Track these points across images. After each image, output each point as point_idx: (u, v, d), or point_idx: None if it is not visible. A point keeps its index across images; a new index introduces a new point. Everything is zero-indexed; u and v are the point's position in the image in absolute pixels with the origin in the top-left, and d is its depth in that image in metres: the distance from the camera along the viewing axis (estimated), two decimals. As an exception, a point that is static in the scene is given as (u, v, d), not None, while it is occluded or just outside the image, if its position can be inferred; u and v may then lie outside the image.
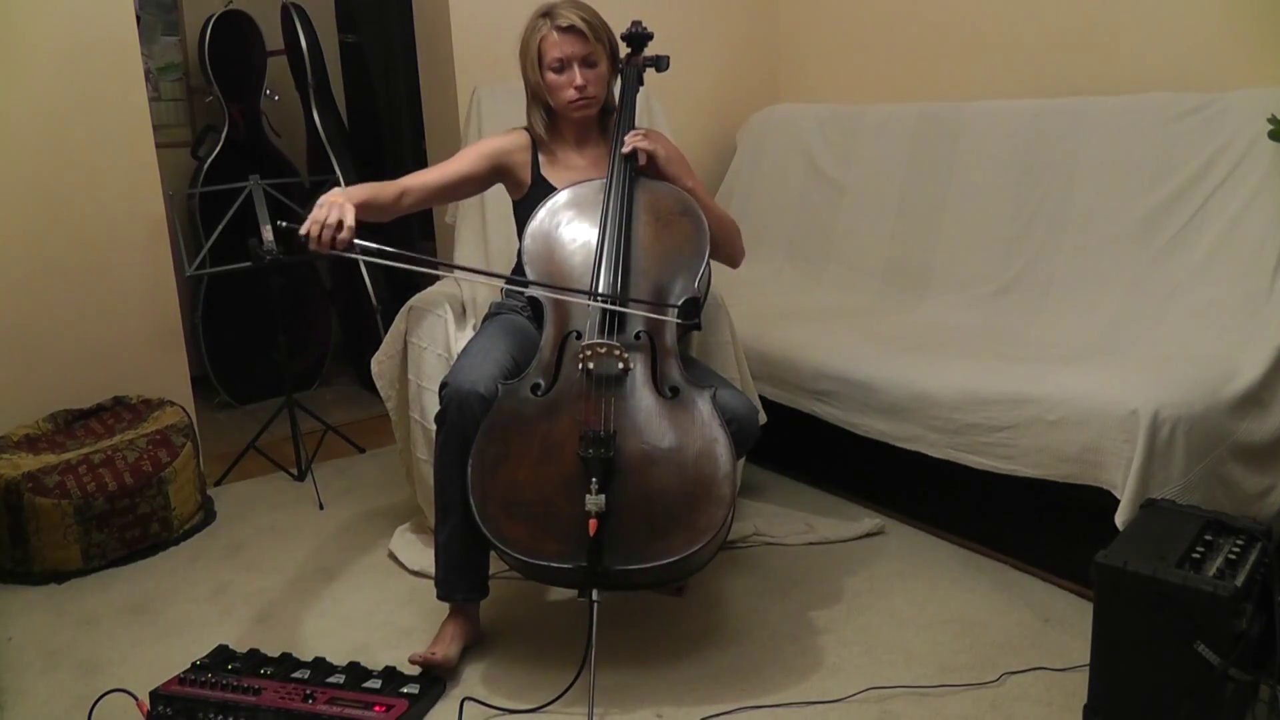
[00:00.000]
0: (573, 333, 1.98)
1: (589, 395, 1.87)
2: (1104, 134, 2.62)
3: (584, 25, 2.07)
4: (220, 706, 1.79)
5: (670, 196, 2.10)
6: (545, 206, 2.10)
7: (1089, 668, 1.66)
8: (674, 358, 1.95)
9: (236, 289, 3.67)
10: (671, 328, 1.96)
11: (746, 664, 1.98)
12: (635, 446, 1.84)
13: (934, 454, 2.33)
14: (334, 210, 1.88)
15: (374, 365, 2.48)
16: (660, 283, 2.01)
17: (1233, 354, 2.17)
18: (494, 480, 1.86)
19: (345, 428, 3.38)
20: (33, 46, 2.65)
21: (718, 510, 1.80)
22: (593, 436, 1.81)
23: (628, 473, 1.82)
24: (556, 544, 1.80)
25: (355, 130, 4.09)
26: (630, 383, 1.90)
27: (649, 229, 2.05)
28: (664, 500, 1.82)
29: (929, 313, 2.87)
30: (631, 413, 1.87)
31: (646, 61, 2.25)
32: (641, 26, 2.25)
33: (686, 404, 1.89)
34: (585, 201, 2.09)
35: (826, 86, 3.69)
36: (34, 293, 2.72)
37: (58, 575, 2.45)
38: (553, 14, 2.10)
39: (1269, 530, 1.68)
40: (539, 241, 2.08)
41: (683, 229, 2.06)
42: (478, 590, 2.03)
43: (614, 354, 1.89)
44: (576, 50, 2.08)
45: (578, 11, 2.10)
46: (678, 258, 2.03)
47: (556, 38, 2.08)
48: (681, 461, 1.84)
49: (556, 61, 2.09)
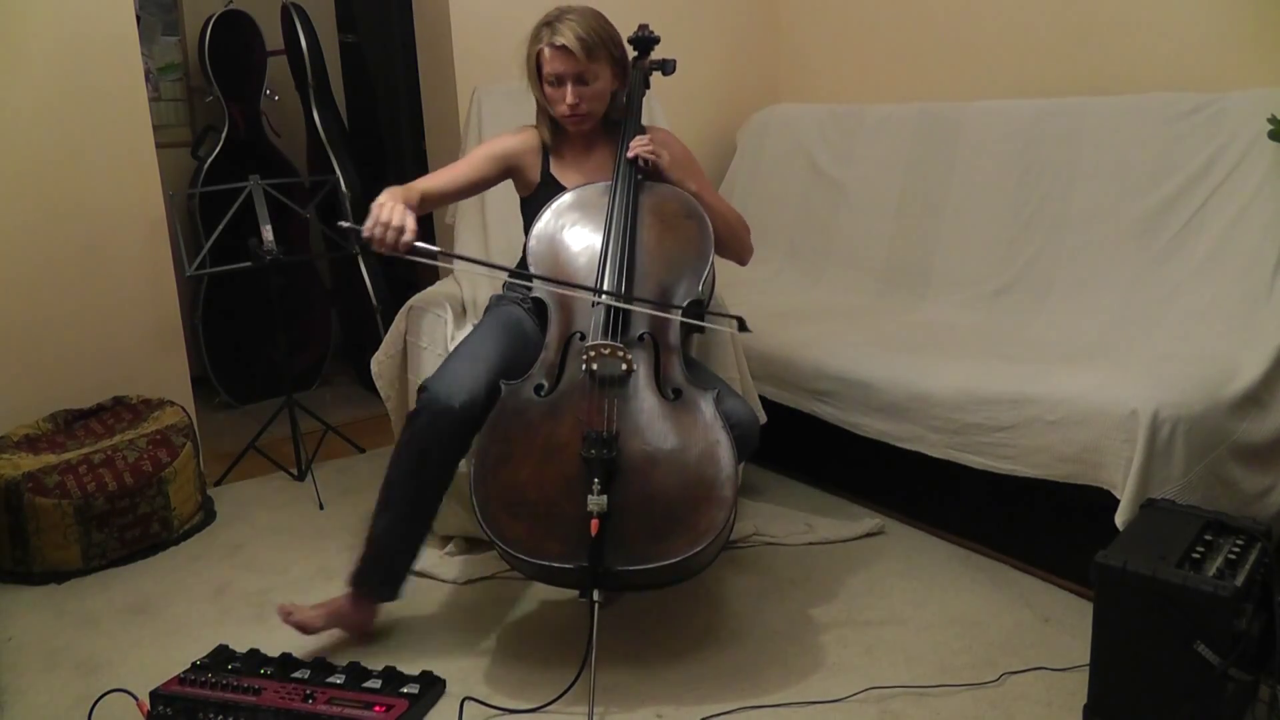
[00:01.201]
0: (577, 333, 1.98)
1: (592, 396, 1.87)
2: (1104, 134, 2.62)
3: (578, 45, 2.03)
4: (220, 706, 1.79)
5: (675, 199, 2.10)
6: (550, 209, 2.11)
7: (1089, 668, 1.66)
8: (677, 359, 1.95)
9: (236, 289, 3.67)
10: (675, 329, 1.97)
11: (746, 664, 1.98)
12: (637, 447, 1.84)
13: (934, 454, 2.33)
14: (395, 213, 1.92)
15: (374, 365, 2.48)
16: (664, 285, 2.01)
17: (1233, 354, 2.17)
18: (496, 480, 1.86)
19: (345, 428, 3.38)
20: (33, 46, 2.65)
21: (719, 512, 1.80)
22: (595, 437, 1.81)
23: (630, 473, 1.82)
24: (558, 544, 1.80)
25: (355, 130, 4.09)
26: (633, 384, 1.90)
27: (653, 232, 2.06)
28: (666, 501, 1.82)
29: (929, 313, 2.87)
30: (634, 414, 1.87)
31: (653, 65, 2.26)
32: (648, 30, 2.26)
33: (689, 406, 1.89)
34: (590, 204, 2.10)
35: (826, 86, 3.69)
36: (34, 292, 2.72)
37: (58, 575, 2.44)
38: (553, 26, 2.06)
39: (1269, 530, 1.68)
40: (544, 243, 2.08)
41: (686, 231, 2.06)
42: (388, 593, 2.03)
43: (617, 355, 1.89)
44: (569, 68, 2.06)
45: (576, 28, 2.05)
46: (681, 260, 2.04)
47: (550, 54, 2.06)
48: (683, 463, 1.84)
49: (552, 76, 2.09)
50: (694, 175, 2.18)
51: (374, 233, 1.92)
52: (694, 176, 2.17)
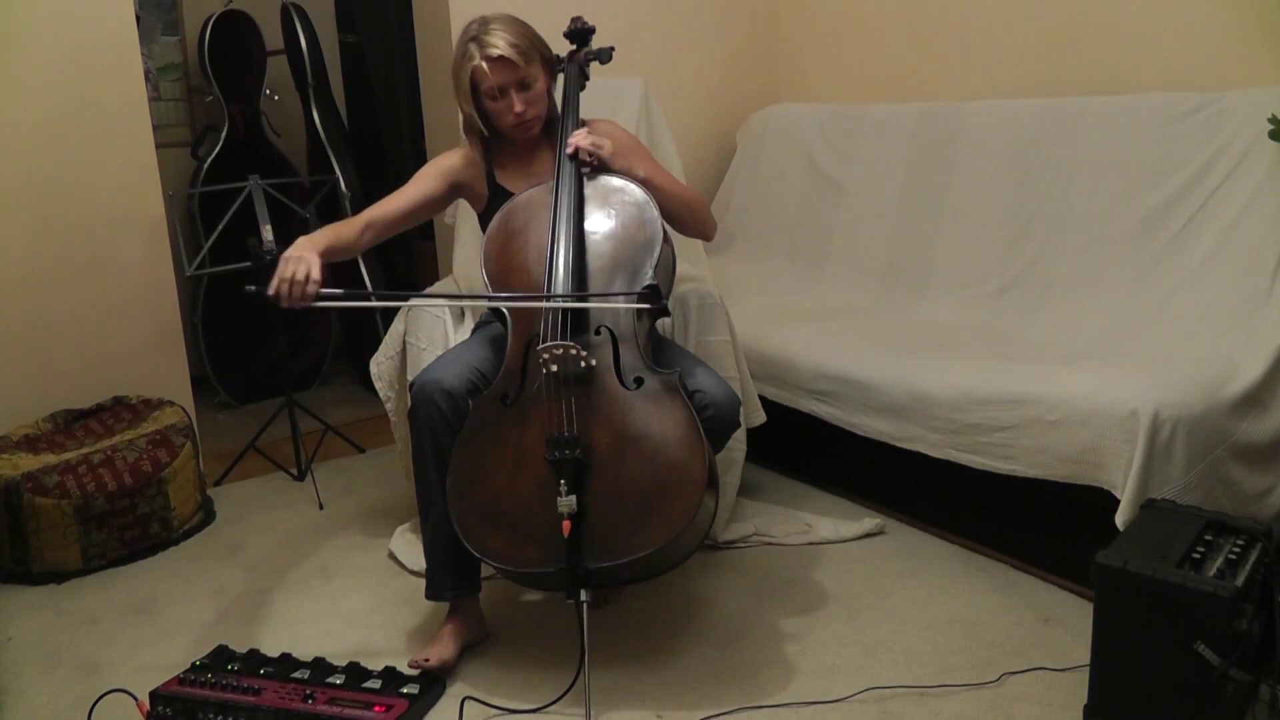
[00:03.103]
0: (535, 337, 1.95)
1: (552, 398, 1.86)
2: (1104, 134, 2.62)
3: (513, 52, 2.00)
4: (220, 707, 1.79)
5: (618, 189, 2.06)
6: (498, 216, 2.08)
7: (1089, 668, 1.66)
8: (635, 347, 1.92)
9: (236, 289, 3.66)
10: (630, 317, 1.94)
11: (746, 664, 1.98)
12: (603, 442, 1.83)
13: (934, 454, 2.33)
14: (300, 266, 1.89)
15: (373, 366, 2.48)
16: (616, 275, 1.99)
17: (1233, 354, 2.17)
18: (471, 494, 1.87)
19: (345, 428, 3.38)
20: (32, 46, 2.65)
21: (692, 495, 1.78)
22: (557, 439, 1.81)
23: (598, 470, 1.82)
24: (536, 550, 1.81)
25: (355, 130, 4.09)
26: (595, 379, 1.88)
27: (599, 223, 2.03)
28: (637, 492, 1.81)
29: (929, 313, 2.87)
30: (596, 409, 1.86)
31: (589, 55, 2.22)
32: (583, 21, 2.22)
33: (651, 392, 1.87)
34: (535, 205, 2.07)
35: (826, 86, 3.69)
36: (34, 292, 2.72)
37: (58, 575, 2.45)
38: (480, 41, 2.01)
39: (1269, 530, 1.68)
40: (494, 250, 2.06)
41: (634, 219, 2.02)
42: (465, 587, 2.02)
43: (572, 353, 1.86)
44: (510, 77, 2.02)
45: (506, 35, 2.01)
46: (630, 248, 2.00)
47: (488, 67, 2.01)
48: (650, 451, 1.83)
49: (492, 89, 2.04)
50: (641, 160, 2.12)
51: (279, 289, 1.89)
52: (641, 161, 2.12)
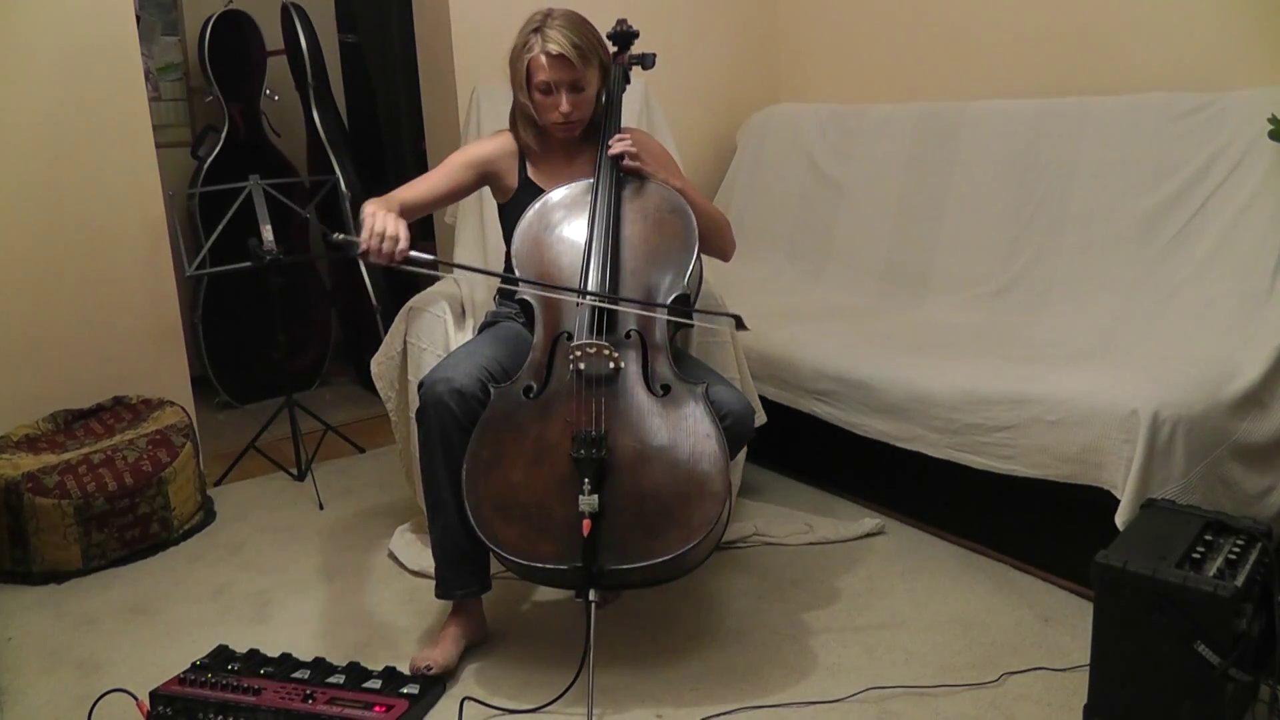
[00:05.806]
0: (564, 334, 1.97)
1: (580, 396, 1.87)
2: (1104, 134, 2.62)
3: (573, 52, 2.01)
4: (220, 707, 1.79)
5: (657, 194, 2.08)
6: (534, 209, 2.09)
7: (1089, 668, 1.66)
8: (665, 355, 1.94)
9: (236, 289, 3.67)
10: (663, 325, 1.96)
11: (746, 664, 1.98)
12: (627, 446, 1.84)
13: (934, 454, 2.33)
14: (389, 222, 1.90)
15: (374, 366, 2.47)
16: (650, 280, 2.00)
17: (1233, 354, 2.17)
18: (487, 483, 1.87)
19: (345, 428, 3.38)
20: (32, 47, 2.65)
21: (712, 507, 1.80)
22: (584, 437, 1.81)
23: (620, 472, 1.82)
24: (551, 545, 1.81)
25: (355, 130, 4.09)
26: (622, 382, 1.89)
27: (637, 227, 2.04)
28: (658, 498, 1.82)
29: (929, 313, 2.87)
30: (623, 412, 1.87)
31: (633, 60, 2.22)
32: (627, 25, 2.22)
33: (678, 401, 1.88)
34: (573, 203, 2.08)
35: (826, 86, 3.69)
36: (34, 293, 2.72)
37: (58, 575, 2.44)
38: (544, 34, 2.02)
39: (1269, 530, 1.68)
40: (527, 244, 2.07)
41: (671, 227, 2.04)
42: (475, 586, 2.02)
43: (604, 354, 1.88)
44: (564, 76, 2.03)
45: (569, 34, 2.02)
46: (666, 255, 2.02)
47: (544, 61, 2.02)
48: (674, 459, 1.84)
49: (544, 84, 2.05)
50: (673, 174, 2.15)
51: (370, 244, 1.90)
52: (673, 175, 2.14)
